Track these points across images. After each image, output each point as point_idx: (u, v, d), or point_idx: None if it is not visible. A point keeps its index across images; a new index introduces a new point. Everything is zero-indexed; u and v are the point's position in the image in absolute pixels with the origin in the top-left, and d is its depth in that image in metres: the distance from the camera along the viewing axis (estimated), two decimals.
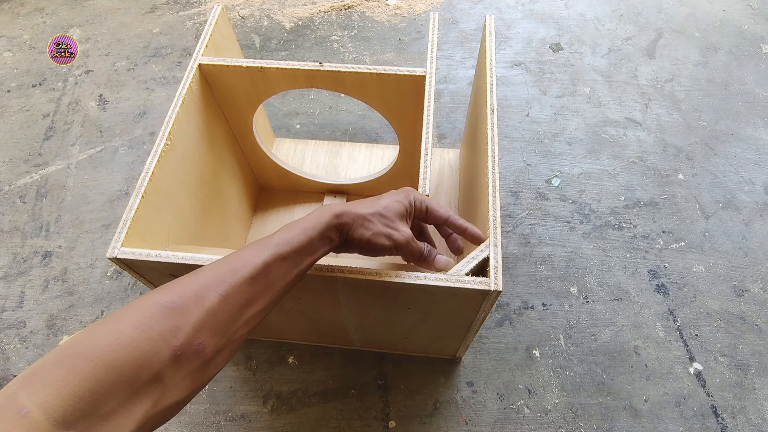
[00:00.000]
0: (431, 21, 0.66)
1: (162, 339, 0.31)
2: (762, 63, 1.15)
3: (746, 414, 0.73)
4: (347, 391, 0.75)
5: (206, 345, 0.33)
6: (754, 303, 0.82)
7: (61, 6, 1.33)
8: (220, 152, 0.73)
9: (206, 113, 0.67)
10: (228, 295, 0.34)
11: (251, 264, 0.36)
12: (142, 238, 0.51)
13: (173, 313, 0.32)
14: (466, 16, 1.26)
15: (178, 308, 0.32)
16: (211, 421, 0.73)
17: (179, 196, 0.60)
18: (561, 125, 1.05)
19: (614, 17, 1.25)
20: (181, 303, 0.32)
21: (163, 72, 1.17)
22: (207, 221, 0.69)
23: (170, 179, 0.57)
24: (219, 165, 0.72)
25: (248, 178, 0.86)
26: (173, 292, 0.33)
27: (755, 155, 1.00)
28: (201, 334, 0.32)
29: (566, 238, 0.89)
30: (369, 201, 0.45)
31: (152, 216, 0.53)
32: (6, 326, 0.82)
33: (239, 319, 0.35)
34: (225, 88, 0.68)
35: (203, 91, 0.65)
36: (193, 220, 0.64)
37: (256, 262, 0.36)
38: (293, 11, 1.30)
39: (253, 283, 0.36)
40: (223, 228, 0.75)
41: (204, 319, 0.33)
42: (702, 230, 0.90)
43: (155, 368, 0.30)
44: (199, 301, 0.33)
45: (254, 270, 0.36)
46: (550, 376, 0.76)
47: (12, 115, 1.10)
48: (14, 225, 0.94)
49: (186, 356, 0.31)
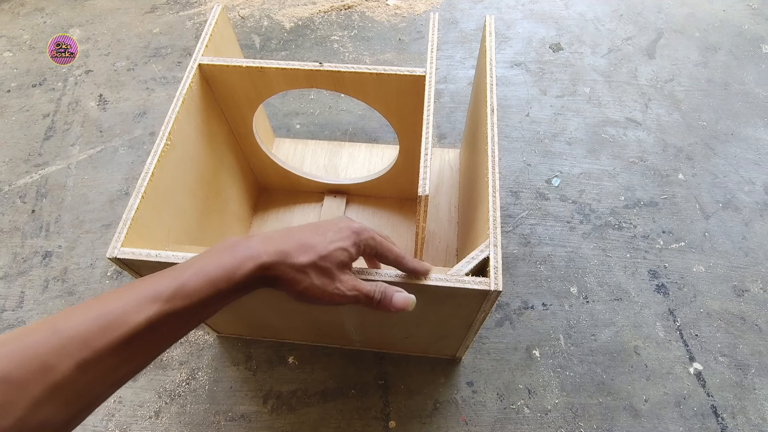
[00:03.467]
0: (431, 21, 0.66)
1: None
2: (762, 63, 1.15)
3: (746, 414, 0.73)
4: (347, 391, 0.75)
5: (52, 418, 0.26)
6: (754, 303, 0.82)
7: (61, 6, 1.33)
8: (220, 152, 0.73)
9: (206, 113, 0.67)
10: (88, 363, 0.27)
11: (130, 322, 0.28)
12: (142, 238, 0.51)
13: (7, 388, 0.25)
14: (466, 16, 1.26)
15: (13, 382, 0.25)
16: (211, 421, 0.73)
17: (179, 196, 0.60)
18: (561, 125, 1.05)
19: (614, 17, 1.25)
20: (17, 375, 0.25)
21: (163, 72, 1.17)
22: (207, 221, 0.69)
23: (170, 179, 0.57)
24: (219, 165, 0.72)
25: (248, 178, 0.86)
26: (12, 358, 0.26)
27: (755, 155, 1.00)
28: (44, 409, 0.26)
29: (566, 238, 0.89)
30: (304, 240, 0.37)
31: (152, 216, 0.53)
32: (6, 326, 0.82)
33: (104, 383, 0.29)
34: (225, 88, 0.68)
35: (203, 91, 0.65)
36: (193, 220, 0.64)
37: (138, 320, 0.29)
38: (293, 11, 1.30)
39: (128, 345, 0.28)
40: (222, 228, 0.75)
41: (50, 393, 0.26)
42: (702, 230, 0.90)
43: None
44: (45, 372, 0.26)
45: (133, 330, 0.28)
46: (550, 376, 0.76)
47: (12, 115, 1.10)
48: (14, 225, 0.94)
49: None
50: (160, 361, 0.78)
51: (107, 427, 0.73)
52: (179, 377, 0.77)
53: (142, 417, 0.74)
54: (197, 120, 0.64)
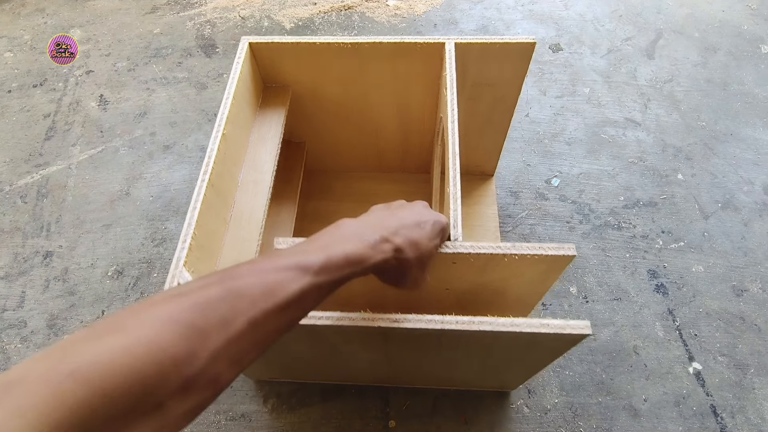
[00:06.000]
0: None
1: (174, 366, 0.25)
2: (761, 63, 1.15)
3: (745, 413, 0.73)
4: (347, 390, 0.75)
5: (221, 375, 0.28)
6: (753, 303, 0.83)
7: (62, 6, 1.33)
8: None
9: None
10: (257, 323, 0.29)
11: (287, 290, 0.31)
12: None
13: (192, 335, 0.26)
14: (466, 17, 1.26)
15: (199, 331, 0.27)
16: (212, 420, 0.73)
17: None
18: (560, 125, 1.05)
19: (614, 18, 1.26)
20: (203, 325, 0.27)
21: (164, 72, 1.17)
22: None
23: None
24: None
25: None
26: (196, 309, 0.28)
27: (754, 155, 1.00)
28: (219, 364, 0.27)
29: (566, 238, 0.89)
30: (413, 220, 0.41)
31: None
32: (7, 326, 0.83)
33: (260, 347, 0.31)
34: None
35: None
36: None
37: (293, 288, 0.31)
38: (293, 12, 1.30)
39: (284, 311, 0.31)
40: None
41: (226, 347, 0.28)
42: (701, 230, 0.90)
43: (159, 399, 0.25)
44: (225, 325, 0.28)
45: (289, 297, 0.31)
46: (550, 376, 0.76)
47: (13, 115, 1.11)
48: (15, 225, 0.94)
49: (197, 387, 0.27)
50: None
51: None
52: None
53: None
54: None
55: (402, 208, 0.43)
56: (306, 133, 0.85)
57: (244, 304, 0.29)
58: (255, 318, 0.29)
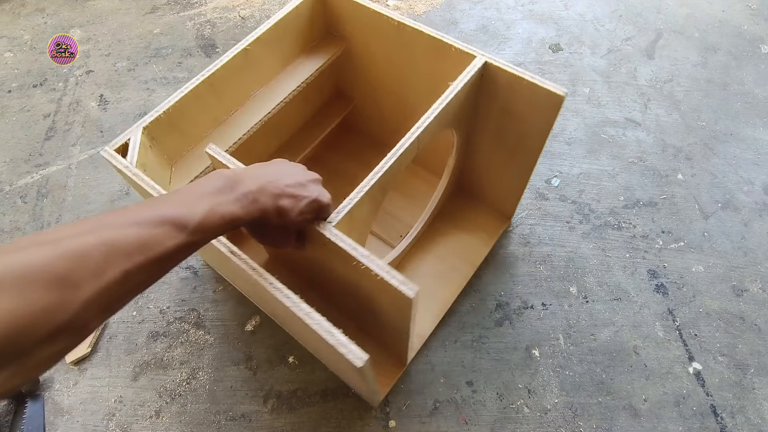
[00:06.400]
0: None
1: (45, 315, 0.26)
2: (761, 63, 1.15)
3: (745, 413, 0.73)
4: (347, 390, 0.75)
5: (91, 321, 0.29)
6: (753, 303, 0.83)
7: (62, 6, 1.33)
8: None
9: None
10: (130, 274, 0.30)
11: (163, 246, 0.32)
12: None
13: (65, 286, 0.27)
14: (466, 17, 1.26)
15: (73, 282, 0.27)
16: (212, 420, 0.73)
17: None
18: (560, 125, 1.05)
19: (613, 18, 1.26)
20: (77, 277, 0.28)
21: (164, 72, 1.17)
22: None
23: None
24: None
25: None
26: (70, 258, 0.28)
27: (754, 155, 1.00)
28: (89, 312, 0.28)
29: (566, 238, 0.89)
30: (292, 192, 0.43)
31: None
32: None
33: (130, 295, 0.32)
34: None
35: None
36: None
37: (168, 245, 0.33)
38: None
39: (157, 263, 0.32)
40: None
41: (97, 297, 0.28)
42: (701, 230, 0.90)
43: (25, 347, 0.26)
44: (99, 276, 0.29)
45: (164, 252, 0.32)
46: (550, 376, 0.76)
47: (13, 115, 1.11)
48: (15, 225, 0.94)
49: (66, 334, 0.27)
50: (160, 361, 0.79)
51: (108, 426, 0.73)
52: (180, 377, 0.77)
53: (143, 416, 0.74)
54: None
55: (290, 176, 0.44)
56: (355, 92, 0.91)
57: (118, 255, 0.30)
58: (128, 270, 0.30)
